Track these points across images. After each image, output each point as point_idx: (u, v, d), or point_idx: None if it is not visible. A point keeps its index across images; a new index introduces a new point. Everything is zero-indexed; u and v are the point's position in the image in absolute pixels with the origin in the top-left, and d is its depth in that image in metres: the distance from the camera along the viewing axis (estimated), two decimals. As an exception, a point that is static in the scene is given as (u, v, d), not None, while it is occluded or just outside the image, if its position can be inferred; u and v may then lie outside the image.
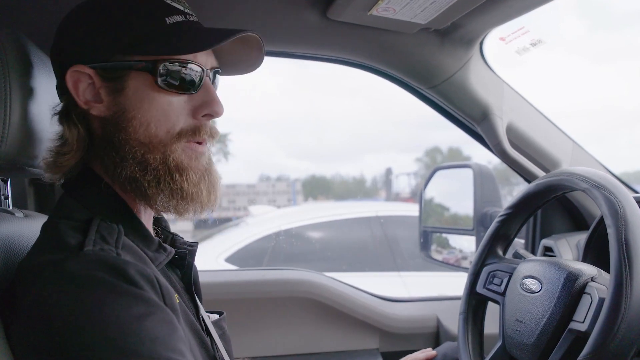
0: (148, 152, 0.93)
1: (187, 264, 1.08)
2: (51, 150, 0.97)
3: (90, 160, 0.99)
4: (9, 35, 0.93)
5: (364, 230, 5.08)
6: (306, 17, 1.52)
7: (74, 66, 0.94)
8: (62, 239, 0.86)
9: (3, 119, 0.90)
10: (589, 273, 1.19)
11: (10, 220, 1.04)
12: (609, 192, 1.16)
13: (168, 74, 0.93)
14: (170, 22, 0.94)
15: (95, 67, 0.93)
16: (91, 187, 0.97)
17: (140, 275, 0.82)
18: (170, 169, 0.94)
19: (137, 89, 0.93)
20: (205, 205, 0.99)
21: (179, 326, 0.83)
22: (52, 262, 0.82)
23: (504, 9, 1.44)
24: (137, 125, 0.93)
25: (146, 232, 0.98)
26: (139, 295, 0.79)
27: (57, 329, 0.75)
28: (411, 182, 23.01)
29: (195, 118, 0.97)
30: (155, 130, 0.93)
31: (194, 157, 0.97)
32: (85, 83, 0.94)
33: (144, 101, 0.93)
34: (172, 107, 0.94)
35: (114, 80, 0.93)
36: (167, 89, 0.93)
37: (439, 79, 1.74)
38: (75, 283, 0.78)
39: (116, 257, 0.83)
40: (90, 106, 0.95)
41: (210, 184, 1.00)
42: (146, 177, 0.93)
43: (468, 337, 1.43)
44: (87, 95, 0.95)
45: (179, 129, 0.95)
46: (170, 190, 0.94)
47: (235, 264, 4.33)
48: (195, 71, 0.95)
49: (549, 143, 1.85)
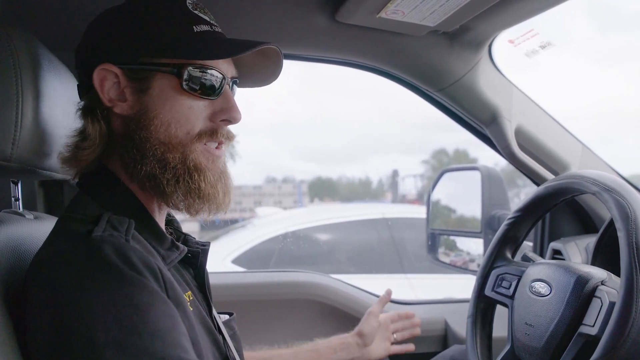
0: (168, 151, 0.97)
1: (199, 263, 1.11)
2: (69, 145, 1.00)
3: (106, 157, 1.01)
4: (21, 38, 0.94)
5: (370, 232, 5.07)
6: (315, 20, 1.53)
7: (102, 64, 0.97)
8: (72, 229, 0.90)
9: (15, 121, 0.90)
10: (599, 276, 1.19)
11: (20, 222, 1.05)
12: (619, 195, 1.15)
13: (192, 78, 0.97)
14: (197, 30, 0.99)
15: (123, 67, 0.97)
16: (106, 185, 0.99)
17: (143, 263, 0.83)
18: (189, 168, 0.97)
19: (161, 90, 0.97)
20: (220, 206, 1.03)
21: (180, 320, 0.85)
22: (61, 250, 0.85)
23: (513, 12, 1.43)
24: (158, 124, 0.96)
25: (159, 230, 1.00)
26: (141, 284, 0.81)
27: (61, 314, 0.78)
28: (417, 184, 23.00)
29: (213, 122, 1.01)
30: (176, 131, 0.97)
31: (211, 159, 1.01)
32: (111, 82, 0.98)
33: (167, 102, 0.97)
34: (193, 110, 0.98)
35: (140, 80, 0.97)
36: (190, 93, 0.97)
37: (447, 82, 1.74)
38: (81, 267, 0.81)
39: (123, 242, 0.86)
40: (114, 104, 0.98)
41: (226, 186, 1.04)
42: (165, 175, 0.96)
43: (476, 340, 1.43)
44: (111, 93, 0.98)
45: (197, 131, 0.99)
46: (188, 189, 0.97)
47: (242, 266, 4.33)
48: (217, 78, 1.00)
49: (558, 146, 1.84)
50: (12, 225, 1.00)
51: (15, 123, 0.90)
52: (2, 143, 0.89)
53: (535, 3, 1.39)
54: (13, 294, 0.87)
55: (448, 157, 40.68)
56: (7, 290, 0.86)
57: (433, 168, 40.72)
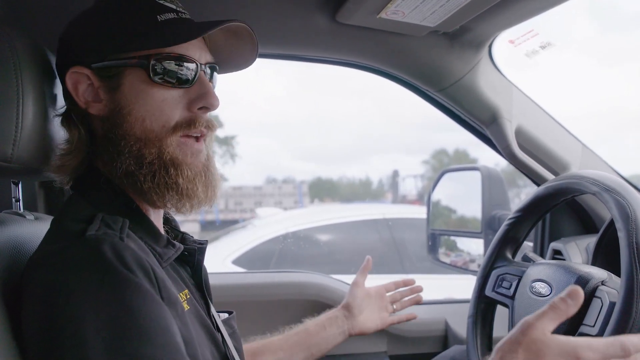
0: (144, 147, 0.95)
1: (196, 261, 1.10)
2: (57, 153, 1.00)
3: (95, 159, 1.01)
4: (21, 39, 0.94)
5: (371, 233, 5.07)
6: (315, 21, 1.53)
7: (72, 68, 0.97)
8: (66, 229, 0.89)
9: (15, 122, 0.90)
10: (599, 277, 1.19)
11: (21, 222, 1.05)
12: (619, 196, 1.15)
13: (161, 68, 0.95)
14: (161, 19, 0.97)
15: (92, 68, 0.96)
16: (97, 186, 0.99)
17: (136, 263, 0.83)
18: (165, 163, 0.96)
19: (132, 85, 0.96)
20: (202, 202, 1.01)
21: (172, 321, 0.84)
22: (56, 250, 0.85)
23: (514, 12, 1.43)
24: (132, 120, 0.95)
25: (154, 228, 1.00)
26: (135, 286, 0.80)
27: (53, 314, 0.78)
28: (418, 185, 23.03)
29: (190, 111, 0.99)
30: (151, 125, 0.96)
31: (189, 154, 0.99)
32: (85, 84, 0.98)
33: (139, 97, 0.96)
34: (167, 101, 0.97)
35: (111, 78, 0.96)
36: (161, 84, 0.96)
37: (447, 82, 1.74)
38: (74, 266, 0.81)
39: (117, 241, 0.85)
40: (90, 106, 0.98)
41: (207, 181, 1.02)
42: (141, 171, 0.95)
43: (477, 340, 1.43)
44: (87, 95, 0.98)
45: (174, 123, 0.97)
46: (166, 184, 0.96)
47: (242, 266, 4.33)
48: (189, 65, 0.98)
49: (558, 146, 1.84)
50: (13, 225, 1.00)
51: (15, 124, 0.90)
52: (3, 144, 0.89)
53: (535, 3, 1.39)
54: (12, 294, 0.87)
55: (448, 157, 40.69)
56: (6, 291, 0.87)
57: (433, 168, 40.75)
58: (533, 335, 0.83)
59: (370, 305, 1.55)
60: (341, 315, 1.51)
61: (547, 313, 0.84)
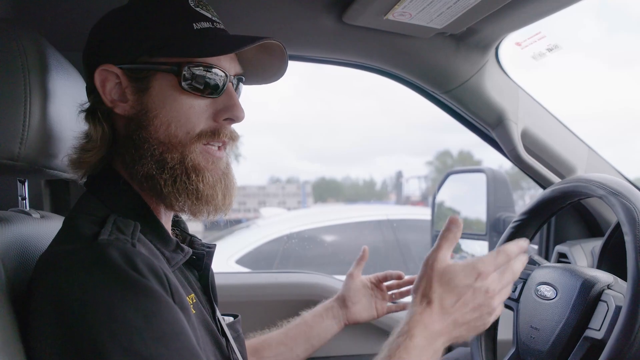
0: (166, 152, 0.95)
1: (204, 265, 1.09)
2: (76, 147, 1.00)
3: (113, 158, 1.01)
4: (29, 38, 0.94)
5: (375, 234, 5.07)
6: (322, 22, 1.53)
7: (102, 65, 0.97)
8: (78, 231, 0.88)
9: (22, 121, 0.91)
10: (605, 280, 1.18)
11: (27, 221, 1.05)
12: (626, 199, 1.15)
13: (192, 76, 0.95)
14: (197, 28, 0.97)
15: (123, 67, 0.96)
16: (112, 185, 0.99)
17: (149, 268, 0.82)
18: (187, 168, 0.96)
19: (161, 89, 0.96)
20: (220, 208, 1.01)
21: (186, 325, 0.84)
22: (67, 251, 0.84)
23: (520, 15, 1.43)
24: (158, 124, 0.95)
25: (164, 232, 0.99)
26: (147, 290, 0.80)
27: (67, 316, 0.77)
28: (422, 186, 22.98)
29: (216, 121, 0.99)
30: (175, 131, 0.95)
31: (211, 161, 0.99)
32: (113, 82, 0.97)
33: (167, 102, 0.95)
34: (194, 109, 0.97)
35: (140, 80, 0.96)
36: (190, 92, 0.96)
37: (454, 84, 1.74)
38: (87, 271, 0.80)
39: (129, 247, 0.85)
40: (116, 105, 0.98)
41: (226, 188, 1.02)
42: (163, 176, 0.95)
43: (481, 343, 1.42)
44: (113, 94, 0.98)
45: (198, 131, 0.97)
46: (186, 190, 0.96)
47: (246, 266, 4.34)
48: (219, 76, 0.98)
49: (564, 149, 1.84)
50: (19, 224, 1.00)
51: (23, 122, 0.91)
52: (10, 142, 0.90)
53: (542, 6, 1.38)
54: (19, 293, 0.87)
55: (452, 159, 40.63)
56: (13, 289, 0.87)
57: (437, 169, 40.69)
58: (439, 266, 0.97)
59: (367, 296, 1.53)
60: (336, 305, 1.50)
61: (442, 245, 0.99)
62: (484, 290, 0.96)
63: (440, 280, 0.96)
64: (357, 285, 1.52)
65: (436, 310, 0.95)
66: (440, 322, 0.95)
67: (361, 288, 1.53)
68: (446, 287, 0.96)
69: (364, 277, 1.56)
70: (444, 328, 0.96)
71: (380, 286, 1.56)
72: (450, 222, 1.00)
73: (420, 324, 0.94)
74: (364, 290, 1.54)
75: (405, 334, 0.93)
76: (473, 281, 0.96)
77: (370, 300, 1.54)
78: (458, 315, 0.96)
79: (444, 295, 0.95)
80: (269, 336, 1.44)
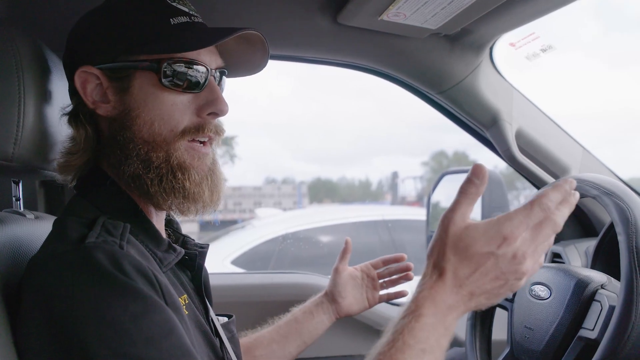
0: (151, 150, 0.95)
1: (197, 265, 1.09)
2: (62, 151, 1.00)
3: (100, 160, 1.00)
4: (23, 38, 0.94)
5: (370, 234, 5.07)
6: (317, 22, 1.53)
7: (82, 67, 0.96)
8: (66, 234, 0.88)
9: (17, 121, 0.90)
10: (598, 280, 1.19)
11: (21, 221, 1.05)
12: (619, 199, 1.15)
13: (172, 73, 0.95)
14: (174, 23, 0.96)
15: (102, 68, 0.96)
16: (101, 187, 0.98)
17: (137, 270, 0.82)
18: (172, 167, 0.95)
19: (141, 88, 0.95)
20: (208, 205, 1.01)
21: (178, 324, 0.83)
22: (55, 254, 0.84)
23: (515, 15, 1.43)
24: (141, 123, 0.95)
25: (155, 232, 0.98)
26: (135, 291, 0.80)
27: (55, 320, 0.77)
28: (417, 186, 22.99)
29: (199, 116, 0.98)
30: (159, 129, 0.95)
31: (196, 157, 0.99)
32: (93, 84, 0.97)
33: (148, 100, 0.95)
34: (176, 106, 0.96)
35: (120, 79, 0.95)
36: (172, 88, 0.95)
37: (448, 84, 1.74)
38: (73, 274, 0.80)
39: (116, 249, 0.84)
40: (98, 106, 0.97)
41: (213, 184, 1.01)
42: (149, 175, 0.95)
43: (476, 343, 1.43)
44: (95, 95, 0.97)
45: (182, 127, 0.96)
46: (173, 188, 0.95)
47: (241, 267, 4.33)
48: (200, 70, 0.97)
49: (558, 149, 1.84)
50: (13, 224, 1.00)
51: (17, 123, 0.90)
52: (4, 143, 0.89)
53: (536, 6, 1.39)
54: (12, 294, 0.87)
55: (447, 159, 40.67)
56: (6, 290, 0.86)
57: (433, 170, 40.73)
58: (455, 229, 0.83)
59: (356, 287, 1.51)
60: (326, 300, 1.49)
61: (461, 201, 0.84)
62: (509, 256, 0.82)
63: (456, 247, 0.83)
64: (345, 278, 1.50)
65: (449, 283, 0.83)
66: (453, 296, 0.83)
67: (349, 280, 1.51)
68: (462, 255, 0.82)
69: (352, 267, 1.54)
70: (457, 301, 0.83)
71: (371, 275, 1.54)
72: (474, 172, 0.84)
73: (429, 300, 0.82)
74: (353, 282, 1.51)
75: (412, 313, 0.82)
76: (495, 248, 0.81)
77: (361, 291, 1.52)
78: (474, 286, 0.83)
79: (459, 264, 0.82)
80: (261, 334, 1.43)
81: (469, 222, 0.84)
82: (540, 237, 0.84)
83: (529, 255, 0.83)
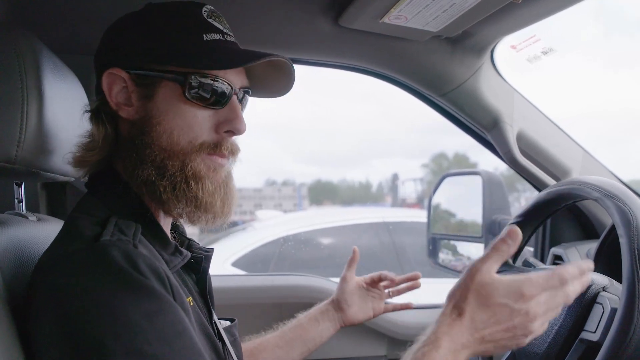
0: (167, 159, 0.96)
1: (202, 268, 1.10)
2: (79, 146, 1.01)
3: (114, 160, 1.01)
4: (26, 40, 0.94)
5: (371, 236, 5.06)
6: (318, 25, 1.53)
7: (111, 69, 0.98)
8: (79, 232, 0.88)
9: (20, 124, 0.91)
10: (600, 283, 1.19)
11: (23, 223, 1.05)
12: (621, 202, 1.15)
13: (197, 87, 0.96)
14: (207, 39, 0.98)
15: (130, 72, 0.97)
16: (113, 187, 0.99)
17: (151, 269, 0.83)
18: (187, 176, 0.96)
19: (165, 97, 0.97)
20: (219, 216, 1.01)
21: (189, 325, 0.84)
22: (68, 253, 0.84)
23: (516, 18, 1.44)
24: (160, 131, 0.96)
25: (164, 235, 0.99)
26: (149, 290, 0.80)
27: (69, 317, 0.77)
28: (417, 188, 22.95)
29: (217, 133, 1.00)
30: (178, 139, 0.96)
31: (212, 168, 1.00)
32: (120, 86, 0.98)
33: (170, 110, 0.96)
34: (197, 119, 0.97)
35: (146, 86, 0.97)
36: (194, 102, 0.96)
37: (449, 87, 1.75)
38: (88, 272, 0.80)
39: (131, 248, 0.85)
40: (120, 108, 0.98)
41: (226, 196, 1.02)
42: (162, 182, 0.96)
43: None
44: (119, 97, 0.98)
45: (201, 141, 0.98)
46: (185, 197, 0.96)
47: (241, 269, 4.33)
48: (224, 88, 0.99)
49: (560, 151, 1.85)
50: (15, 227, 1.00)
51: (20, 125, 0.91)
52: (7, 145, 0.90)
53: (537, 9, 1.39)
54: (16, 297, 0.87)
55: (448, 161, 40.64)
56: (10, 293, 0.86)
57: (433, 172, 40.68)
58: (481, 279, 0.90)
59: (362, 297, 1.52)
60: (331, 308, 1.50)
61: (491, 256, 0.92)
62: (523, 313, 0.89)
63: (478, 294, 0.90)
64: (351, 287, 1.52)
65: (466, 324, 0.89)
66: (468, 337, 0.90)
67: (356, 290, 1.53)
68: (482, 302, 0.89)
69: (359, 278, 1.56)
70: (470, 342, 0.90)
71: (376, 285, 1.55)
72: (509, 234, 0.92)
73: (447, 335, 0.89)
74: (359, 291, 1.53)
75: (432, 343, 0.88)
76: (513, 302, 0.88)
77: (366, 300, 1.53)
78: (487, 332, 0.90)
79: (477, 309, 0.89)
80: (265, 339, 1.44)
81: (494, 275, 0.91)
82: (552, 303, 0.91)
83: (539, 316, 0.90)
